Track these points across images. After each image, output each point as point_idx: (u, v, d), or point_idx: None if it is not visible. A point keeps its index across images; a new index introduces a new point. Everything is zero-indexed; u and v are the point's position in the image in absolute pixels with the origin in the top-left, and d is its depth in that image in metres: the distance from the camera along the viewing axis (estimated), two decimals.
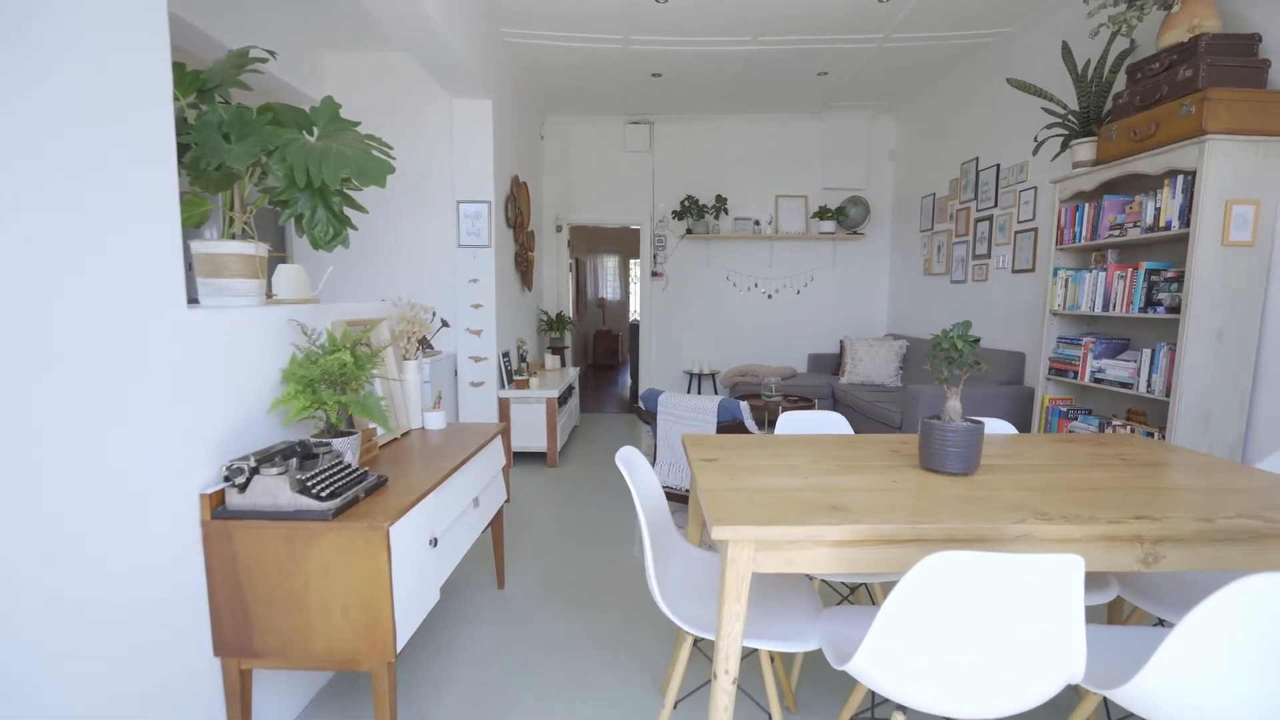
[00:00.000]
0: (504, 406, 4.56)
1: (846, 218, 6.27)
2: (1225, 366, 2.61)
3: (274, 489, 1.46)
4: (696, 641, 2.09)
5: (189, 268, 1.52)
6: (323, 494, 1.48)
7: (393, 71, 4.38)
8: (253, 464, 1.47)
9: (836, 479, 1.57)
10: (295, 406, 1.64)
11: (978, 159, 4.78)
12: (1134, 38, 3.04)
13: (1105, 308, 3.06)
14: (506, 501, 2.64)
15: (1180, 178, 2.65)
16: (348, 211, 1.69)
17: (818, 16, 3.97)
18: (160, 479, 1.36)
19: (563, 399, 4.90)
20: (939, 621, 1.09)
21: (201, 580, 1.48)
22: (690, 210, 6.32)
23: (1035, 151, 3.56)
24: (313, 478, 1.52)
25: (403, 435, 2.35)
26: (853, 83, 5.27)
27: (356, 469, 1.67)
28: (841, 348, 6.25)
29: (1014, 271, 4.32)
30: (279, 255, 1.94)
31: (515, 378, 4.62)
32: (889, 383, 5.59)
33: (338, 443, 1.74)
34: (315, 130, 1.72)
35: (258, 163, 1.66)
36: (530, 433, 4.62)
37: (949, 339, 1.56)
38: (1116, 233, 3.02)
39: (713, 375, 6.62)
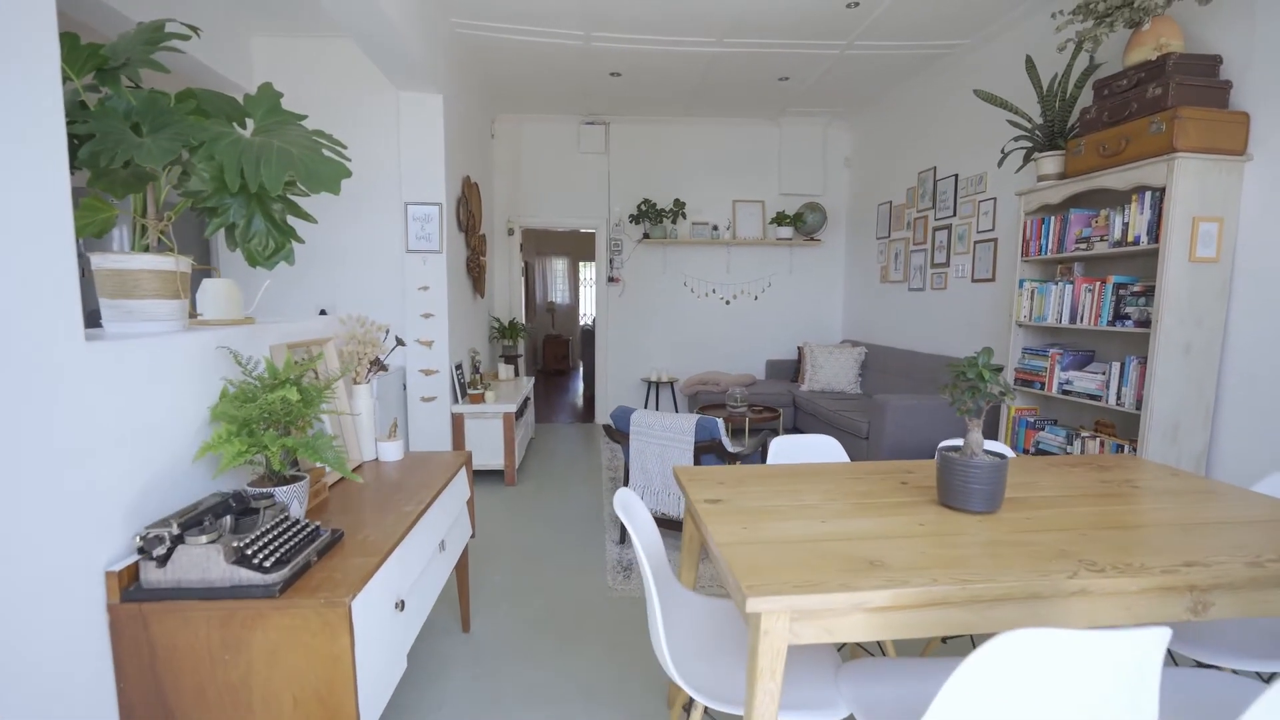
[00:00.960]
0: (458, 422, 4.27)
1: (804, 224, 6.26)
2: (1192, 380, 2.66)
3: (203, 560, 1.19)
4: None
5: (82, 274, 1.23)
6: (266, 563, 1.22)
7: (332, 59, 4.01)
8: (175, 530, 1.19)
9: (858, 523, 1.43)
10: (228, 452, 1.37)
11: (935, 168, 4.84)
12: (1094, 54, 3.08)
13: (1073, 320, 3.09)
14: (472, 537, 2.40)
15: (1148, 194, 2.69)
16: (292, 221, 1.43)
17: (785, 20, 3.88)
18: (51, 557, 1.08)
19: (519, 412, 4.64)
20: (1004, 700, 0.96)
21: (109, 678, 1.19)
22: (648, 214, 6.16)
23: (1000, 163, 3.59)
24: (253, 542, 1.26)
25: (354, 469, 2.07)
26: (813, 89, 5.25)
27: (305, 524, 1.41)
28: (800, 354, 6.24)
29: (974, 281, 4.38)
30: (203, 268, 1.65)
31: (470, 391, 4.33)
32: (849, 389, 5.60)
33: (281, 492, 1.47)
34: (249, 123, 1.45)
35: (177, 160, 1.38)
36: (487, 449, 4.34)
37: (975, 367, 1.45)
38: (1083, 246, 3.06)
39: (671, 384, 6.49)
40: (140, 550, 1.18)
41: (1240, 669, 1.52)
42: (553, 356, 11.01)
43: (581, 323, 12.29)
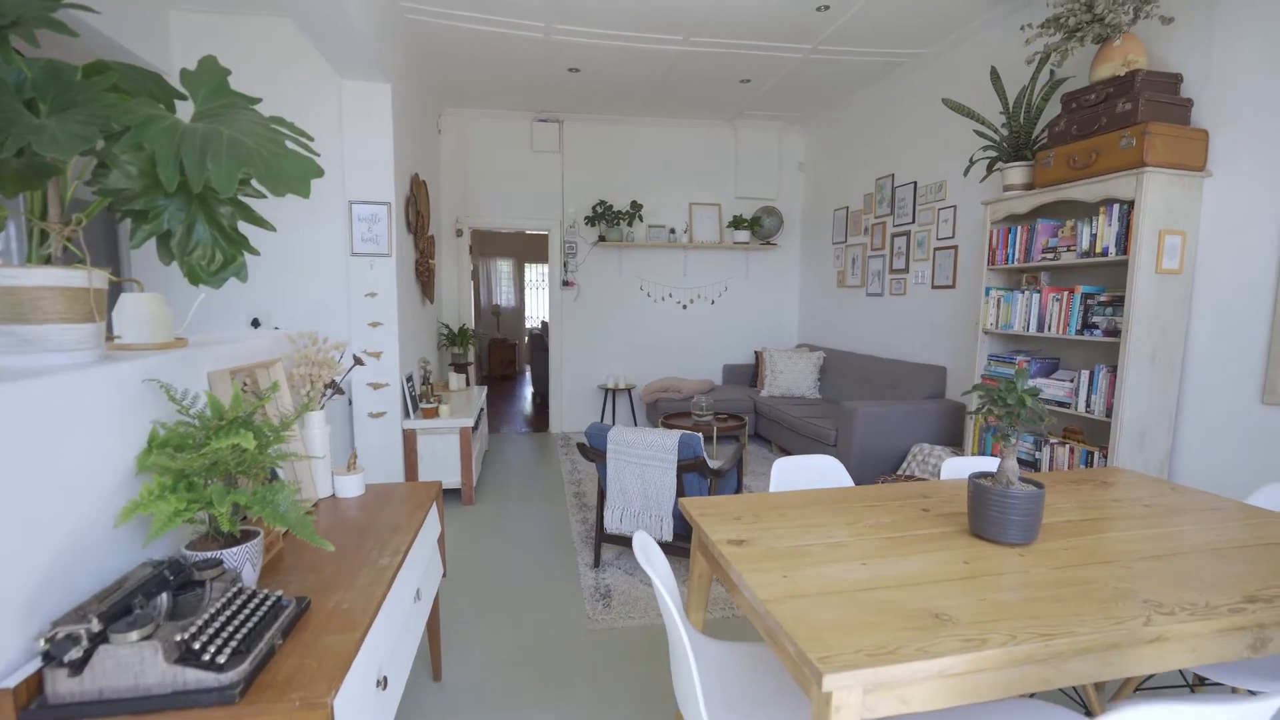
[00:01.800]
0: (409, 439, 3.95)
1: (761, 228, 6.25)
2: (1157, 388, 2.74)
3: (134, 662, 0.93)
4: None
5: None
6: (219, 657, 0.98)
7: (266, 41, 3.62)
8: (95, 626, 0.93)
9: (900, 564, 1.32)
10: (162, 513, 1.10)
11: (894, 175, 4.89)
12: (1058, 68, 3.14)
13: (1040, 328, 3.14)
14: (444, 575, 2.15)
15: (1116, 206, 2.74)
16: (243, 228, 1.17)
17: (754, 20, 3.80)
18: None
19: (475, 425, 4.36)
20: None
21: None
22: (604, 216, 5.98)
23: (966, 171, 3.63)
24: (200, 630, 1.00)
25: (311, 508, 1.80)
26: (772, 92, 5.21)
27: (264, 596, 1.16)
28: (758, 359, 6.22)
29: (934, 287, 4.44)
30: (119, 280, 1.35)
31: (422, 405, 4.02)
32: (808, 394, 5.61)
33: (230, 555, 1.21)
34: (177, 108, 1.18)
35: (91, 150, 1.10)
36: (441, 467, 4.04)
37: (1014, 392, 1.36)
38: (1050, 256, 3.11)
39: (629, 390, 6.33)
40: (47, 655, 0.91)
41: (1257, 689, 1.51)
42: (499, 361, 10.63)
43: (528, 325, 11.96)
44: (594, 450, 2.88)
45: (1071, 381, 3.02)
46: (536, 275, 11.96)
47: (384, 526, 1.70)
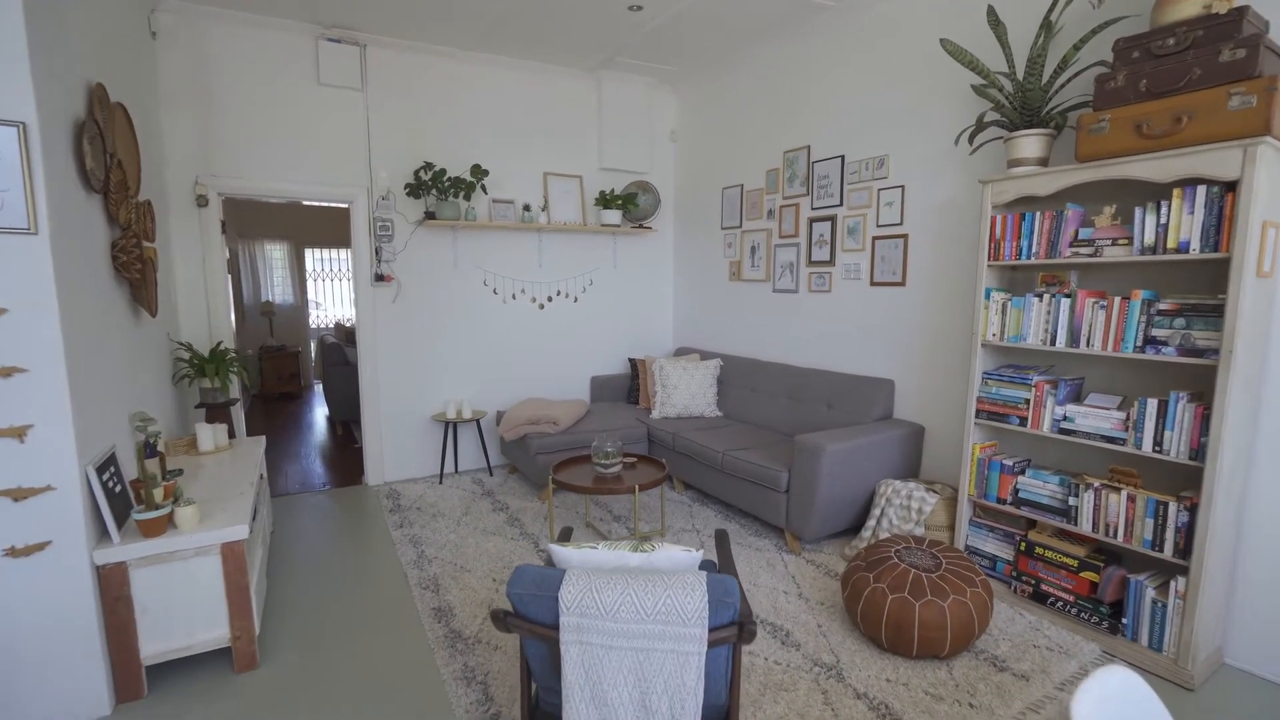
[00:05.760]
0: (112, 583, 2.09)
1: (636, 208, 5.09)
2: (1246, 419, 2.19)
3: None
4: None
5: None
6: None
7: None
8: None
9: None
10: None
11: (809, 147, 4.08)
12: (1057, 20, 2.47)
13: (1074, 343, 2.48)
14: None
15: (1201, 189, 2.11)
16: None
17: None
18: None
19: (252, 524, 2.57)
20: None
21: None
22: (434, 184, 4.33)
23: (958, 141, 2.87)
24: None
25: None
26: (660, 30, 4.06)
27: None
28: (638, 370, 5.11)
29: (874, 284, 3.71)
30: None
31: (138, 514, 2.16)
32: (708, 413, 4.65)
33: None
34: None
35: None
36: (188, 620, 2.24)
37: None
38: (1086, 250, 2.44)
39: (477, 421, 4.79)
40: None
41: None
42: (275, 376, 8.08)
43: (314, 326, 9.42)
44: (530, 623, 1.50)
45: (1121, 410, 2.40)
46: (321, 263, 9.45)
47: None
